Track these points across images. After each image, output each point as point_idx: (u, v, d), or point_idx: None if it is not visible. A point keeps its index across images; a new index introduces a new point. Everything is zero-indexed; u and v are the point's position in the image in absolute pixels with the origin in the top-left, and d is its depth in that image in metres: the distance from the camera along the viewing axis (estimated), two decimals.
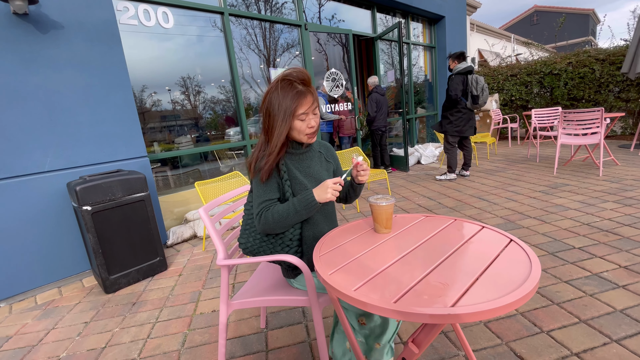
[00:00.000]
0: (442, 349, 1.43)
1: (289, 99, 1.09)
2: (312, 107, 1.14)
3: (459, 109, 4.14)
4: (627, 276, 1.80)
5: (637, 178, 3.55)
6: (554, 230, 2.48)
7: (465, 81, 4.04)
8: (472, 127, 4.21)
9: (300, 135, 1.17)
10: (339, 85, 4.81)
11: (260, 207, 1.14)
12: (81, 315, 2.04)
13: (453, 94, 4.04)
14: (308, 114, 1.14)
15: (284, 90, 1.10)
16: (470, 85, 3.99)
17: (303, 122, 1.14)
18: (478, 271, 0.80)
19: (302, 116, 1.13)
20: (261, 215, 1.13)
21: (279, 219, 1.11)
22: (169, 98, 3.42)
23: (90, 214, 2.17)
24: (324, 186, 1.10)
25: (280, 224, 1.12)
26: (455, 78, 4.06)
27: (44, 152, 2.35)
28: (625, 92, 6.26)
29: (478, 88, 3.96)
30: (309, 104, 1.12)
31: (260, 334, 1.66)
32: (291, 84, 1.11)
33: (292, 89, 1.10)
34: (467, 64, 4.04)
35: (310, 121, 1.15)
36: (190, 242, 3.11)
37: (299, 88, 1.11)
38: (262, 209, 1.14)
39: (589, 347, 1.34)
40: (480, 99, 3.98)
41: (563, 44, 21.19)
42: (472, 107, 4.09)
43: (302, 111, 1.12)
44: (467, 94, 4.05)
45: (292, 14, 4.38)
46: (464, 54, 4.14)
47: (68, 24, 2.41)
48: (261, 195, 1.15)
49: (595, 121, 3.79)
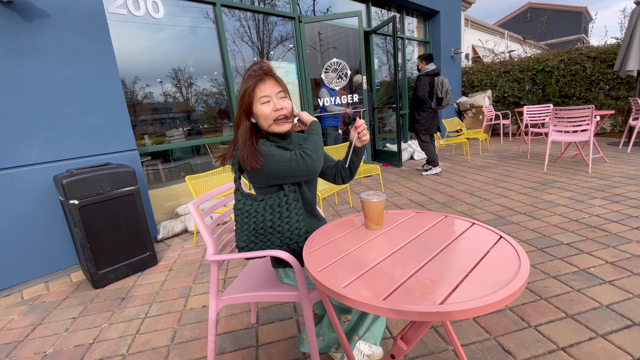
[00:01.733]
0: (432, 343, 1.44)
1: (246, 82, 1.11)
2: (274, 90, 1.12)
3: (424, 108, 4.38)
4: (613, 272, 1.83)
5: (625, 175, 3.61)
6: (543, 226, 2.51)
7: (432, 83, 4.26)
8: (436, 126, 4.49)
9: (269, 121, 1.13)
10: (342, 76, 4.58)
11: (293, 159, 1.08)
12: (69, 311, 2.01)
13: (421, 94, 4.28)
14: (271, 97, 1.11)
15: (244, 80, 1.13)
16: (436, 87, 4.22)
17: (266, 106, 1.11)
18: (467, 268, 0.80)
19: (263, 99, 1.11)
20: (300, 156, 1.08)
21: (311, 149, 1.10)
22: (161, 90, 3.36)
23: (78, 208, 2.13)
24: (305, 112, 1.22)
25: (318, 152, 1.11)
26: (423, 79, 4.27)
27: (29, 145, 2.29)
28: (615, 90, 6.34)
29: (443, 90, 4.19)
30: (270, 87, 1.12)
31: (251, 329, 1.66)
32: (249, 72, 1.13)
33: (250, 76, 1.12)
34: (435, 66, 4.28)
35: (275, 104, 1.12)
36: (181, 237, 3.08)
37: (257, 72, 1.12)
38: (295, 155, 1.08)
39: (575, 342, 1.37)
40: (444, 100, 4.22)
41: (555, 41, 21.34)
42: (436, 108, 4.34)
43: (262, 94, 1.10)
44: (432, 95, 4.29)
45: (286, 6, 4.32)
46: (432, 55, 4.35)
47: (54, 13, 2.34)
48: (282, 158, 1.08)
49: (586, 118, 3.83)
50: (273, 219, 1.14)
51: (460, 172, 4.53)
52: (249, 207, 1.16)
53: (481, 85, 8.16)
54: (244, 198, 1.17)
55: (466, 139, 5.29)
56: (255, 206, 1.15)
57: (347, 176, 1.34)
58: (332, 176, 1.37)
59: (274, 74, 1.15)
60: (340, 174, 1.35)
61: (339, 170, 1.35)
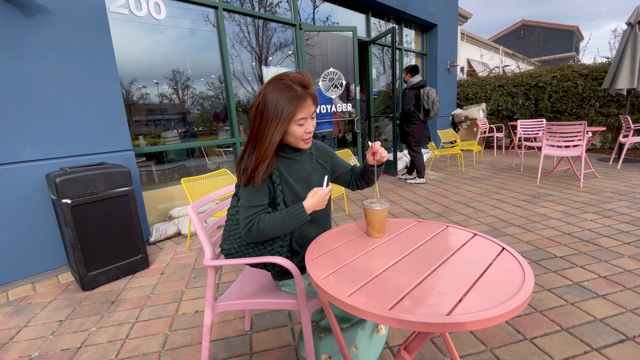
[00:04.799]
0: (428, 354, 1.43)
1: (287, 102, 1.01)
2: (310, 111, 1.08)
3: (412, 121, 4.44)
4: (606, 286, 1.85)
5: (616, 191, 3.68)
6: (537, 238, 2.53)
7: (418, 95, 4.30)
8: (426, 137, 4.55)
9: (297, 141, 1.10)
10: (337, 86, 4.68)
11: (249, 214, 1.07)
12: (56, 313, 1.95)
13: (406, 108, 4.36)
14: (307, 119, 1.08)
15: (281, 92, 1.02)
16: (423, 99, 4.25)
17: (301, 127, 1.07)
18: (472, 279, 0.80)
19: (301, 121, 1.06)
20: (251, 225, 1.07)
21: (264, 228, 1.06)
22: (157, 91, 3.34)
23: (70, 208, 2.08)
24: (318, 196, 1.06)
25: (264, 235, 1.07)
26: (408, 92, 4.34)
27: (22, 141, 2.25)
28: (605, 107, 6.50)
29: (429, 102, 4.22)
30: (308, 108, 1.06)
31: (245, 336, 1.62)
32: (289, 86, 1.03)
33: (290, 91, 1.02)
34: (420, 78, 4.33)
35: (308, 126, 1.09)
36: (173, 240, 3.03)
37: (298, 91, 1.03)
38: (252, 218, 1.07)
39: (570, 356, 1.37)
40: (432, 112, 4.25)
41: (547, 58, 21.86)
42: (425, 119, 4.39)
43: (301, 116, 1.05)
44: (420, 106, 4.33)
45: (287, 13, 4.36)
46: (417, 67, 4.40)
47: (54, 9, 2.32)
48: (250, 199, 1.08)
49: (578, 134, 3.91)
50: None
51: (455, 183, 4.56)
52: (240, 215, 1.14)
53: (476, 98, 8.30)
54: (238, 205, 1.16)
55: (460, 150, 5.35)
56: None
57: (363, 185, 1.32)
58: (347, 182, 1.34)
59: (312, 89, 1.09)
60: (356, 182, 1.33)
61: (354, 178, 1.33)
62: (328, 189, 1.08)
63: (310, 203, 1.08)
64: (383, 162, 1.21)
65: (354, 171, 1.34)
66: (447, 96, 7.61)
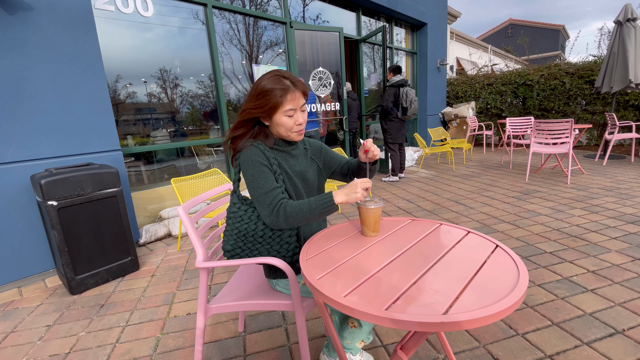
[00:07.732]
0: (422, 352, 1.43)
1: (278, 89, 1.05)
2: (300, 103, 1.10)
3: (390, 118, 4.52)
4: (595, 280, 1.88)
5: (602, 187, 3.76)
6: (527, 234, 2.57)
7: (397, 93, 4.38)
8: (403, 135, 4.65)
9: (288, 133, 1.12)
10: (326, 85, 4.74)
11: (271, 199, 1.04)
12: (43, 318, 1.90)
13: (384, 104, 4.44)
14: (296, 111, 1.09)
15: (273, 81, 1.06)
16: (401, 98, 4.35)
17: (291, 119, 1.09)
18: (467, 277, 0.80)
19: (290, 112, 1.08)
20: (277, 209, 1.04)
21: (291, 213, 1.03)
22: (146, 90, 3.28)
23: (56, 210, 2.03)
24: (352, 186, 1.02)
25: (291, 220, 1.04)
26: (388, 90, 4.43)
27: (5, 141, 2.18)
28: (591, 104, 6.63)
29: (407, 100, 4.33)
30: (297, 99, 1.08)
31: (238, 337, 1.61)
32: (281, 79, 1.07)
33: (281, 83, 1.06)
34: (401, 77, 4.41)
35: (298, 118, 1.10)
36: (164, 241, 2.99)
37: (288, 83, 1.07)
38: (276, 202, 1.04)
39: (561, 350, 1.39)
40: (409, 110, 4.36)
41: (535, 57, 22.22)
42: (403, 118, 4.48)
43: (289, 107, 1.07)
44: (398, 105, 4.42)
45: (277, 11, 4.32)
46: (400, 67, 4.48)
47: (38, 5, 2.25)
48: (263, 186, 1.05)
49: (565, 131, 3.97)
50: (265, 229, 1.11)
51: (446, 181, 4.60)
52: (243, 212, 1.12)
53: (465, 97, 8.38)
54: (240, 202, 1.14)
55: (451, 148, 5.40)
56: (250, 213, 1.12)
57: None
58: (344, 176, 1.33)
59: (304, 87, 1.12)
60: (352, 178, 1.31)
61: (350, 174, 1.31)
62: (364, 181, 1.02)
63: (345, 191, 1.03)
64: (377, 160, 1.21)
65: (350, 165, 1.32)
66: (437, 94, 7.66)
